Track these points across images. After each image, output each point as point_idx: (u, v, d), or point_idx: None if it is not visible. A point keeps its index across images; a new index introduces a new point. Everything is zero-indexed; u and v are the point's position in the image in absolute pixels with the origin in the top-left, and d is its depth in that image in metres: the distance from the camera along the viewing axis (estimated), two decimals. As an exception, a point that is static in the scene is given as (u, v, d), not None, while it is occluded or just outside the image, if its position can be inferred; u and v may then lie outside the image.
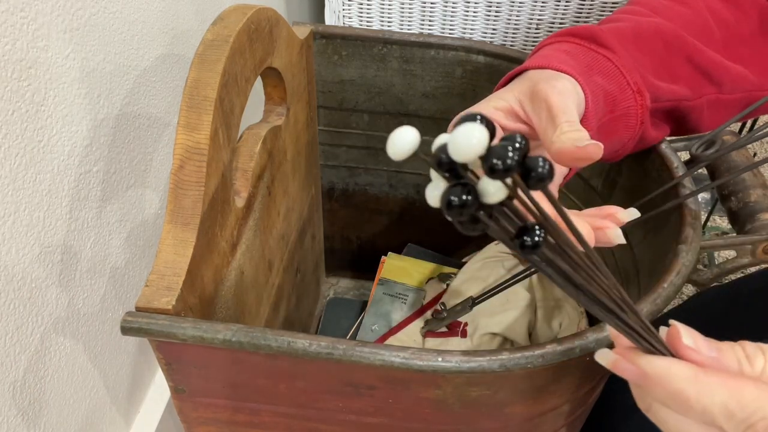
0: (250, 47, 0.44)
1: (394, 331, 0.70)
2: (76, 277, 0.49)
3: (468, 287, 0.69)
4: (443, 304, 0.71)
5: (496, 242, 0.73)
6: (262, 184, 0.50)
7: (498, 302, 0.66)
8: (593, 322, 0.63)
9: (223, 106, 0.40)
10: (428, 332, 0.69)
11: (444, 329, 0.69)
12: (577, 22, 0.78)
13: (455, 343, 0.68)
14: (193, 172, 0.38)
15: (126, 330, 0.36)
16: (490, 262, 0.71)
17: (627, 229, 0.55)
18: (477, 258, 0.72)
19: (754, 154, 1.09)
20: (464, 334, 0.69)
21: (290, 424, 0.44)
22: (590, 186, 0.60)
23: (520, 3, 0.77)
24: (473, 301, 0.61)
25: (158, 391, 0.64)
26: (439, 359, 0.36)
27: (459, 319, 0.69)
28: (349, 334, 0.75)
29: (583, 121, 0.40)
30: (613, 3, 0.77)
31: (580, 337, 0.37)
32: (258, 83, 0.50)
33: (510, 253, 0.72)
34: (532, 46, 0.81)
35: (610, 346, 0.33)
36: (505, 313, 0.66)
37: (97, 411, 0.55)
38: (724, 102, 0.49)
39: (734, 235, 0.48)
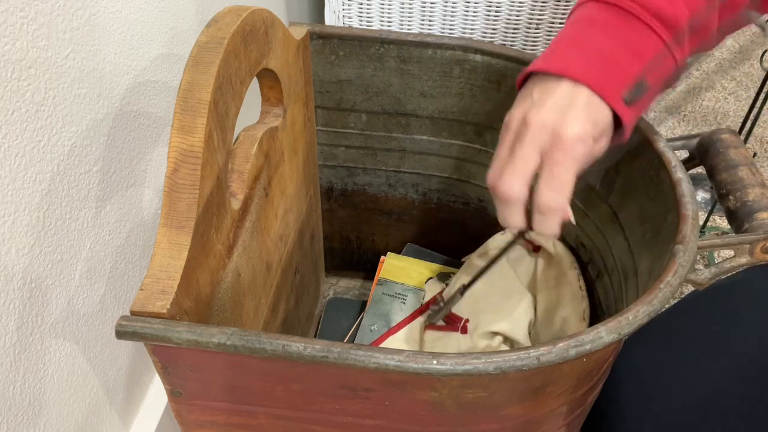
0: (244, 49, 0.44)
1: (393, 331, 0.70)
2: (76, 278, 0.49)
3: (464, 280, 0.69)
4: (441, 296, 0.71)
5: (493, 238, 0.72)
6: (258, 186, 0.50)
7: (499, 300, 0.66)
8: (594, 314, 0.63)
9: (217, 108, 0.40)
10: (429, 325, 0.69)
11: (443, 323, 0.69)
12: (577, 20, 0.78)
13: (455, 338, 0.68)
14: (187, 176, 0.38)
15: (121, 334, 0.36)
16: (488, 259, 0.71)
17: (626, 228, 0.55)
18: (476, 255, 0.72)
19: (754, 154, 1.08)
20: (464, 331, 0.69)
21: (287, 426, 0.44)
22: (589, 185, 0.60)
23: (520, 3, 0.76)
24: (464, 287, 0.61)
25: (157, 391, 0.64)
26: (434, 362, 0.35)
27: (460, 315, 0.69)
28: (349, 335, 0.75)
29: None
30: (613, 2, 0.77)
31: (576, 339, 0.37)
32: (255, 84, 0.50)
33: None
34: (532, 46, 0.80)
35: None
36: (505, 311, 0.66)
37: (97, 411, 0.55)
38: None
39: (733, 234, 0.48)
